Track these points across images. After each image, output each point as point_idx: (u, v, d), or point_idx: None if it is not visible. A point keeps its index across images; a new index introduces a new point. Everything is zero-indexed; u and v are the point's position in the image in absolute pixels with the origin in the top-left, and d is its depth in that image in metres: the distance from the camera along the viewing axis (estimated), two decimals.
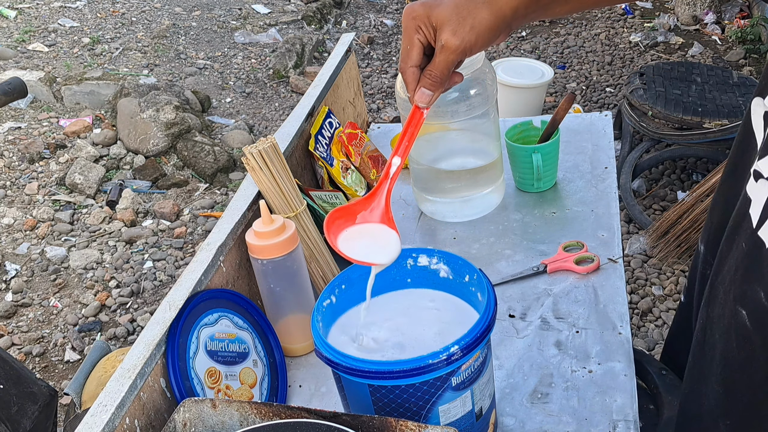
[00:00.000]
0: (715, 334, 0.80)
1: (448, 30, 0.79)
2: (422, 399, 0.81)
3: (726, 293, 0.77)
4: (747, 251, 0.72)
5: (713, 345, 0.81)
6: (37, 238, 3.09)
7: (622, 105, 3.11)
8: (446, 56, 0.80)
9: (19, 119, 3.84)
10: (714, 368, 0.81)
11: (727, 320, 0.77)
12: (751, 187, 0.73)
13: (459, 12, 0.79)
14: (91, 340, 2.60)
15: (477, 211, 1.40)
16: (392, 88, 4.23)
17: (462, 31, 0.78)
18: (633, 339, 1.22)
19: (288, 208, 1.17)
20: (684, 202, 2.60)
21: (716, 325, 0.80)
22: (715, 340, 0.80)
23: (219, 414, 0.80)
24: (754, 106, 0.80)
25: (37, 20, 4.81)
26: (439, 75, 0.81)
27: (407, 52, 0.83)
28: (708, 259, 1.00)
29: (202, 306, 1.01)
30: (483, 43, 0.80)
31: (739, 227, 0.74)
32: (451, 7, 0.80)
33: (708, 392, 0.83)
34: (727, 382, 0.79)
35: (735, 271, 0.75)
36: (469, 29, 0.78)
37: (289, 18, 5.03)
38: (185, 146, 3.54)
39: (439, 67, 0.81)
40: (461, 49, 0.79)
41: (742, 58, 4.08)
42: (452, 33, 0.79)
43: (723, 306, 0.78)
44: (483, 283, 0.88)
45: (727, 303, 0.76)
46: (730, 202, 0.84)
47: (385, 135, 1.72)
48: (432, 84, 0.82)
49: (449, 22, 0.79)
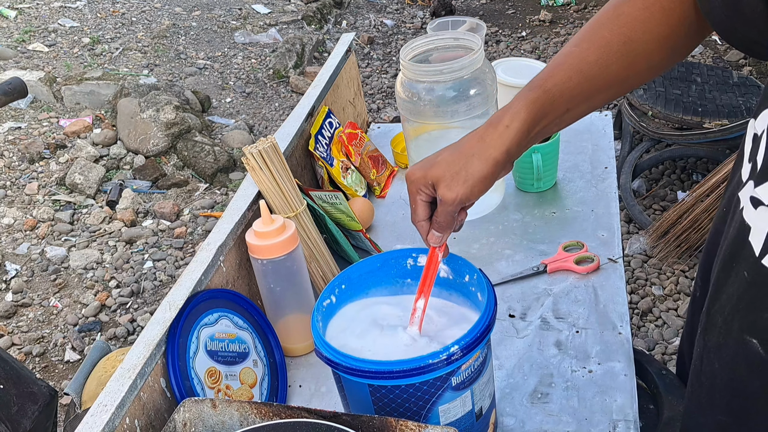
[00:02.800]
0: (714, 364, 0.79)
1: (443, 186, 0.86)
2: (422, 399, 0.81)
3: (727, 323, 0.76)
4: (751, 280, 0.71)
5: (712, 375, 0.80)
6: (37, 238, 3.09)
7: (622, 105, 3.11)
8: (445, 208, 0.87)
9: (19, 119, 3.84)
10: (717, 399, 0.81)
11: (731, 350, 0.76)
12: (749, 214, 0.72)
13: (451, 168, 0.86)
14: (91, 340, 2.60)
15: (477, 211, 1.40)
16: (392, 88, 4.23)
17: (456, 186, 0.85)
18: (633, 339, 1.22)
19: (288, 208, 1.17)
20: (684, 202, 2.60)
21: (715, 355, 0.79)
22: (714, 370, 0.80)
23: (219, 414, 0.80)
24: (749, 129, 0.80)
25: (37, 20, 4.81)
26: (444, 222, 0.88)
27: (414, 211, 0.91)
28: (698, 281, 1.00)
29: (202, 306, 1.01)
30: (479, 191, 0.86)
31: (738, 255, 0.73)
32: (444, 165, 0.86)
33: (709, 423, 0.83)
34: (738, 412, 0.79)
35: (738, 300, 0.74)
36: (462, 183, 0.85)
37: (289, 18, 5.03)
38: (185, 146, 3.54)
39: (443, 216, 0.88)
40: (457, 201, 0.85)
41: (742, 58, 4.08)
42: (447, 188, 0.85)
43: (724, 335, 0.77)
44: (483, 283, 0.88)
45: (730, 332, 0.76)
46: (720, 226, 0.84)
47: (385, 135, 1.72)
48: (440, 229, 0.89)
49: (443, 179, 0.86)
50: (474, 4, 5.32)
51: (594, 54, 0.83)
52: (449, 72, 1.24)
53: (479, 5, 5.25)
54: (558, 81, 0.84)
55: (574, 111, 0.86)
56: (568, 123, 0.88)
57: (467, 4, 5.35)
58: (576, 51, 0.84)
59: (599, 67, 0.83)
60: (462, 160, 0.85)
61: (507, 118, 0.84)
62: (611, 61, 0.83)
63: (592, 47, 0.83)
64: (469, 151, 0.85)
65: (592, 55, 0.83)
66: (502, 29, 4.85)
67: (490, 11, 5.18)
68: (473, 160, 0.84)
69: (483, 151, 0.84)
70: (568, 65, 0.84)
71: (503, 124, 0.84)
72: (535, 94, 0.84)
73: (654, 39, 0.81)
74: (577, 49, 0.84)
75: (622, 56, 0.82)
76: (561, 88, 0.84)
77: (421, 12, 5.26)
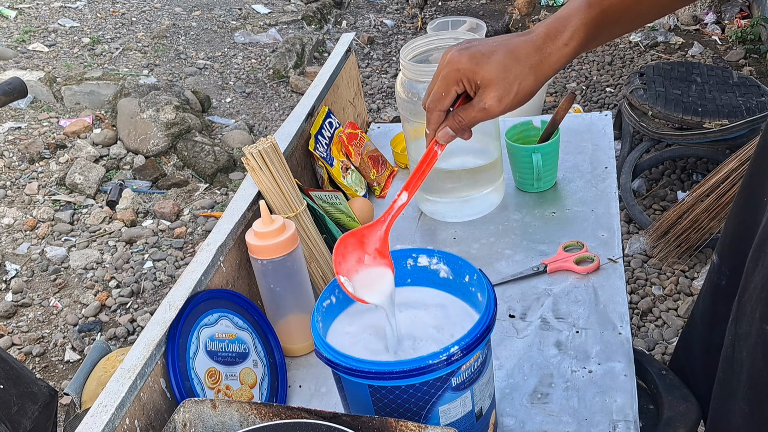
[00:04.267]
0: (742, 352, 0.79)
1: (494, 95, 0.78)
2: (422, 399, 0.81)
3: (754, 311, 0.76)
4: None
5: (741, 362, 0.80)
6: (37, 238, 3.09)
7: (622, 105, 3.11)
8: (483, 115, 0.80)
9: (19, 119, 3.84)
10: (740, 386, 0.81)
11: (753, 339, 0.76)
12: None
13: (506, 77, 0.78)
14: (91, 340, 2.60)
15: (477, 211, 1.40)
16: (392, 88, 4.23)
17: (507, 99, 0.79)
18: (633, 339, 1.22)
19: (288, 208, 1.17)
20: (684, 202, 2.60)
21: (743, 343, 0.79)
22: (742, 358, 0.80)
23: (219, 414, 0.80)
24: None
25: (37, 20, 4.81)
26: (468, 123, 0.82)
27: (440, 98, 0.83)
28: (723, 269, 1.00)
29: (202, 306, 1.01)
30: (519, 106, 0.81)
31: (765, 245, 0.73)
32: (498, 68, 0.78)
33: (735, 409, 0.83)
34: (753, 401, 0.79)
35: (762, 289, 0.74)
36: (513, 96, 0.78)
37: (289, 18, 5.03)
38: (185, 146, 3.54)
39: (470, 118, 0.82)
40: (500, 113, 0.80)
41: (742, 58, 4.08)
42: (498, 99, 0.78)
43: (750, 324, 0.77)
44: (483, 284, 0.88)
45: (753, 321, 0.76)
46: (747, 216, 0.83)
47: (385, 135, 1.72)
48: (458, 127, 0.83)
49: (496, 86, 0.78)
50: (474, 4, 5.32)
51: None
52: None
53: (479, 5, 5.25)
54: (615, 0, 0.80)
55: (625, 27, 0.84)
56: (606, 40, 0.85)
57: (467, 4, 5.35)
58: None
59: None
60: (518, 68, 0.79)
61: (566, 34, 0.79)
62: None
63: None
64: (526, 61, 0.79)
65: None
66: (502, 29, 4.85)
67: (490, 11, 5.18)
68: (529, 75, 0.79)
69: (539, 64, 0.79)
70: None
71: (562, 40, 0.79)
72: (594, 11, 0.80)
73: None
74: None
75: None
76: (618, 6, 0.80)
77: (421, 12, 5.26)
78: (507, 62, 0.78)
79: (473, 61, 0.79)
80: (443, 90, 0.82)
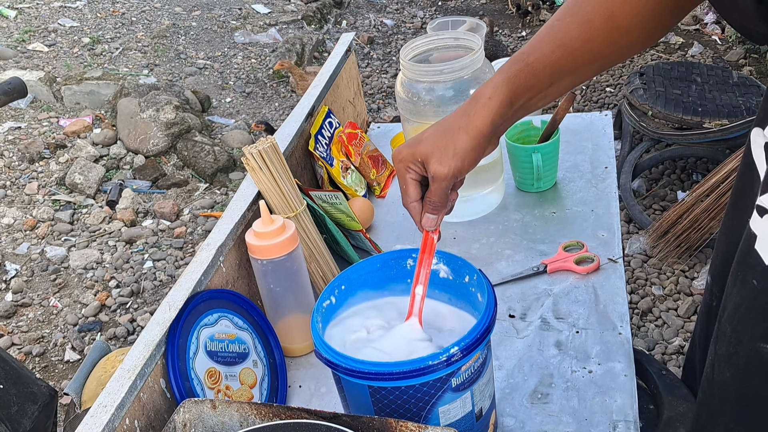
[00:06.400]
0: (725, 373, 0.79)
1: (434, 162, 0.85)
2: (422, 400, 0.81)
3: (737, 332, 0.76)
4: (761, 288, 0.71)
5: (724, 384, 0.80)
6: (37, 238, 3.09)
7: (622, 105, 3.11)
8: (439, 184, 0.86)
9: (19, 119, 3.84)
10: (727, 408, 0.80)
11: (743, 359, 0.76)
12: (755, 223, 0.71)
13: (439, 143, 0.85)
14: (91, 340, 2.60)
15: (477, 211, 1.40)
16: (392, 88, 4.23)
17: (446, 160, 0.85)
18: (633, 339, 1.22)
19: (288, 208, 1.17)
20: (684, 202, 2.60)
21: (725, 364, 0.79)
22: (725, 379, 0.79)
23: (219, 415, 0.80)
24: (753, 137, 0.79)
25: (37, 20, 4.81)
26: (438, 201, 0.88)
27: (405, 191, 0.90)
28: (714, 291, 1.00)
29: (201, 306, 1.01)
30: (470, 163, 0.86)
31: (746, 264, 0.73)
32: (431, 141, 0.86)
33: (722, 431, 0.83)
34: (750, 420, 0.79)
35: (747, 309, 0.74)
36: (452, 156, 0.84)
37: (289, 18, 5.03)
38: (185, 146, 3.54)
39: (436, 194, 0.87)
40: (450, 175, 0.85)
41: (742, 58, 4.08)
42: (438, 163, 0.85)
43: (734, 344, 0.77)
44: (483, 284, 0.88)
45: (741, 341, 0.75)
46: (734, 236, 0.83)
47: (385, 135, 1.72)
48: (433, 209, 0.88)
49: (433, 155, 0.85)
50: (474, 4, 5.32)
51: (576, 29, 0.83)
52: (449, 72, 1.24)
53: (479, 5, 5.25)
54: (540, 55, 0.84)
55: (558, 85, 0.86)
56: (554, 97, 0.88)
57: (467, 3, 5.35)
58: (558, 25, 0.84)
59: (581, 41, 0.83)
60: (448, 135, 0.85)
61: (489, 90, 0.85)
62: (593, 35, 0.82)
63: (575, 22, 0.83)
64: (455, 126, 0.85)
65: (574, 30, 0.83)
66: (502, 29, 4.85)
67: (490, 11, 5.18)
68: (460, 134, 0.85)
69: (468, 124, 0.85)
70: (551, 39, 0.84)
71: (485, 96, 0.85)
72: (518, 67, 0.84)
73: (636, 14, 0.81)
74: (559, 23, 0.84)
75: (604, 32, 0.82)
76: (543, 61, 0.84)
77: (421, 12, 5.26)
78: (437, 134, 0.86)
79: (410, 147, 0.87)
80: (403, 183, 0.89)
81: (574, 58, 0.84)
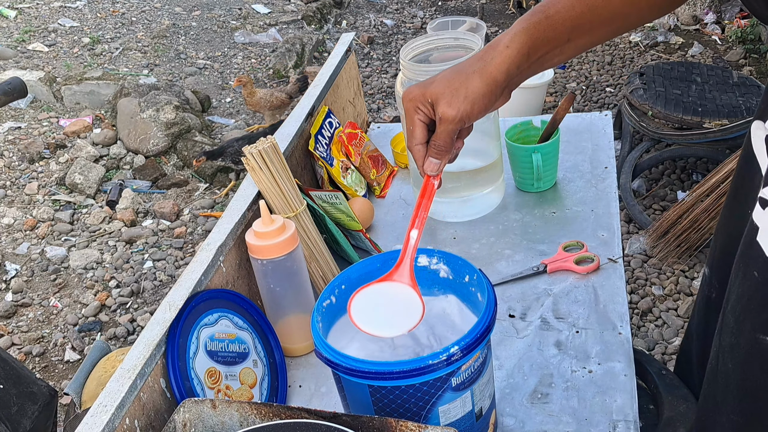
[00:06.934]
0: (728, 364, 0.79)
1: (444, 103, 0.83)
2: (422, 399, 0.81)
3: (739, 322, 0.76)
4: (762, 279, 0.72)
5: (726, 374, 0.80)
6: (37, 238, 3.09)
7: (622, 105, 3.11)
8: (446, 127, 0.84)
9: (19, 119, 3.84)
10: (729, 399, 0.81)
11: (744, 349, 0.76)
12: (758, 215, 0.72)
13: (451, 85, 0.83)
14: (91, 340, 2.60)
15: (477, 211, 1.40)
16: (392, 88, 4.23)
17: (457, 102, 0.82)
18: (633, 339, 1.22)
19: (288, 208, 1.17)
20: (684, 202, 2.60)
21: (728, 355, 0.79)
22: (728, 370, 0.79)
23: (219, 414, 0.80)
24: (754, 129, 0.79)
25: (37, 20, 4.81)
26: (443, 144, 0.86)
27: (411, 132, 0.87)
28: (713, 282, 1.00)
29: (202, 306, 1.01)
30: (480, 109, 0.84)
31: (748, 255, 0.73)
32: (444, 82, 0.84)
33: (724, 421, 0.83)
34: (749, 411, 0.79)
35: (749, 300, 0.74)
36: (463, 99, 0.82)
37: (289, 18, 5.03)
38: (185, 146, 3.54)
39: (442, 137, 0.85)
40: (458, 118, 0.83)
41: (742, 58, 4.08)
42: (447, 105, 0.83)
43: (736, 335, 0.77)
44: (483, 283, 0.88)
45: (742, 332, 0.76)
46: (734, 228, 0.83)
47: (385, 135, 1.72)
48: (438, 153, 0.86)
49: (443, 95, 0.83)
50: (474, 4, 5.32)
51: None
52: None
53: (479, 5, 5.25)
54: (561, 8, 0.83)
55: (576, 42, 0.85)
56: (570, 55, 0.87)
57: (467, 3, 5.35)
58: None
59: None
60: (462, 77, 0.83)
61: (506, 39, 0.83)
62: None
63: None
64: (469, 69, 0.84)
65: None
66: (502, 29, 4.85)
67: (490, 11, 5.18)
68: (473, 77, 0.83)
69: (483, 68, 0.83)
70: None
71: (503, 44, 0.83)
72: (537, 18, 0.83)
73: None
74: None
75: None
76: (563, 15, 0.83)
77: (421, 12, 5.26)
78: (451, 76, 0.84)
79: (421, 87, 0.85)
80: (410, 123, 0.87)
81: (593, 15, 0.83)
